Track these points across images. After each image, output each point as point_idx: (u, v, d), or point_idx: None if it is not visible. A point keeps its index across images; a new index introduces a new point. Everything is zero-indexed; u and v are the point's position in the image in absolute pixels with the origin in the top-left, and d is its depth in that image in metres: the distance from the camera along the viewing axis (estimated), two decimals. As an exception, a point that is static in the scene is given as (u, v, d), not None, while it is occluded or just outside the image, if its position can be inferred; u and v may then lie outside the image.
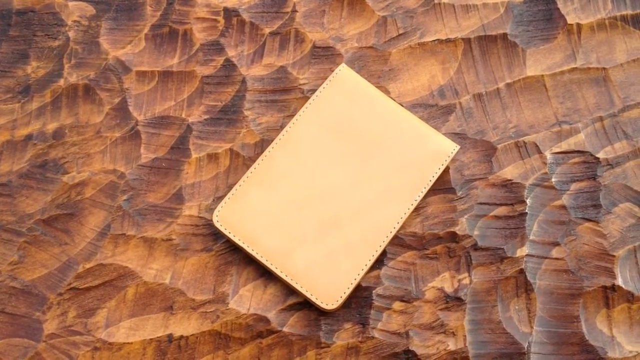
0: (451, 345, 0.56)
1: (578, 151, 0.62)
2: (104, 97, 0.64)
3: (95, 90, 0.64)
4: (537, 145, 0.62)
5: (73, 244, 0.59)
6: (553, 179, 0.61)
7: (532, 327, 0.57)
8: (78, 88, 0.64)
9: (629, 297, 0.57)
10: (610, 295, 0.57)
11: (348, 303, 0.58)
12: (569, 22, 0.66)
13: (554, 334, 0.56)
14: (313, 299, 0.56)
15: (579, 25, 0.66)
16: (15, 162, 0.61)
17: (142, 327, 0.57)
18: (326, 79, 0.63)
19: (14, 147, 0.62)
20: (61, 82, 0.64)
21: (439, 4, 0.67)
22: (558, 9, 0.66)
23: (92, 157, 0.62)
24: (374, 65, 0.65)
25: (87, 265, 0.59)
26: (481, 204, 0.60)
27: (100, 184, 0.61)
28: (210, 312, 0.58)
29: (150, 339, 0.57)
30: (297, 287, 0.57)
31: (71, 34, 0.65)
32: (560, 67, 0.65)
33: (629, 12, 0.66)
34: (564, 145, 0.62)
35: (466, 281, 0.58)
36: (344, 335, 0.57)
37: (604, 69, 0.65)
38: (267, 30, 0.66)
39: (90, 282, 0.58)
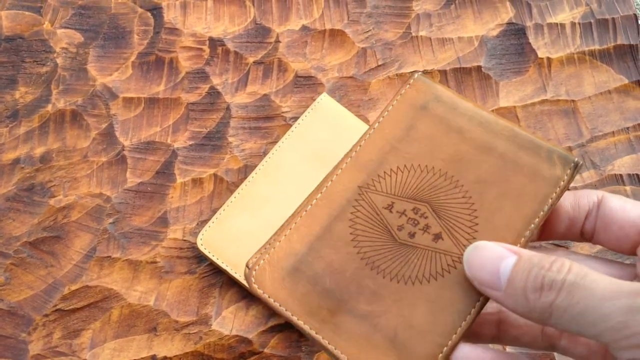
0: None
1: (548, 179, 0.64)
2: (91, 122, 0.65)
3: (83, 116, 0.65)
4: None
5: (59, 266, 0.60)
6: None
7: None
8: (65, 113, 0.65)
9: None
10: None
11: (328, 325, 0.59)
12: (539, 56, 0.69)
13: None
14: (294, 320, 0.58)
15: (549, 59, 0.69)
16: (3, 185, 0.63)
17: (127, 348, 0.58)
18: (308, 107, 0.66)
19: (2, 170, 0.63)
20: (49, 107, 0.65)
21: (417, 37, 0.69)
22: (529, 43, 0.70)
23: (78, 181, 0.63)
24: (354, 95, 0.67)
25: (73, 287, 0.60)
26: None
27: (86, 208, 0.62)
28: (194, 333, 0.59)
29: (135, 360, 0.58)
30: (279, 309, 0.58)
31: (59, 60, 0.67)
32: (531, 98, 0.68)
33: (597, 47, 0.70)
34: (535, 174, 0.64)
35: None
36: (324, 357, 0.58)
37: (573, 101, 0.68)
38: (251, 60, 0.68)
39: (75, 304, 0.59)
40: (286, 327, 0.59)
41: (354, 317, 0.37)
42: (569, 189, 0.42)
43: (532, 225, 0.38)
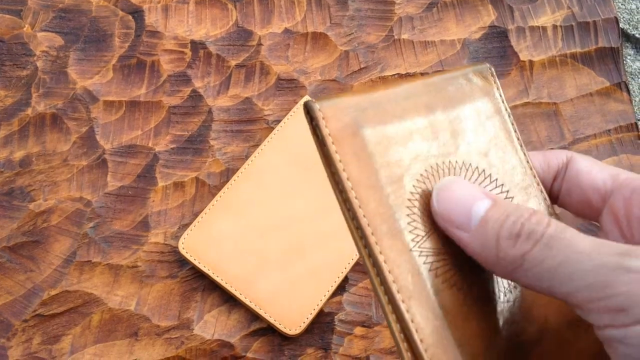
0: (410, 369, 0.58)
1: (531, 181, 0.64)
2: (72, 126, 0.65)
3: (63, 119, 0.65)
4: (492, 176, 0.64)
5: (38, 270, 0.60)
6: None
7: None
8: (46, 117, 0.65)
9: None
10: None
11: (311, 328, 0.59)
12: (521, 59, 0.69)
13: None
14: (276, 324, 0.58)
15: (531, 62, 0.69)
16: (-18, 190, 0.62)
17: (107, 354, 0.58)
18: (290, 110, 0.65)
19: (-19, 174, 0.62)
20: (29, 111, 0.65)
21: (399, 40, 0.69)
22: (511, 46, 0.70)
23: (58, 185, 0.63)
24: (337, 98, 0.67)
25: (53, 292, 0.59)
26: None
27: (66, 212, 0.62)
28: (175, 338, 0.58)
29: (115, 365, 0.58)
30: (261, 313, 0.58)
31: (39, 63, 0.66)
32: (513, 101, 0.68)
33: (578, 50, 0.70)
34: (518, 176, 0.65)
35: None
36: (307, 360, 0.58)
37: (555, 103, 0.68)
38: (233, 63, 0.68)
39: (55, 309, 0.59)
40: (269, 331, 0.59)
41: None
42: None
43: (516, 137, 0.39)
